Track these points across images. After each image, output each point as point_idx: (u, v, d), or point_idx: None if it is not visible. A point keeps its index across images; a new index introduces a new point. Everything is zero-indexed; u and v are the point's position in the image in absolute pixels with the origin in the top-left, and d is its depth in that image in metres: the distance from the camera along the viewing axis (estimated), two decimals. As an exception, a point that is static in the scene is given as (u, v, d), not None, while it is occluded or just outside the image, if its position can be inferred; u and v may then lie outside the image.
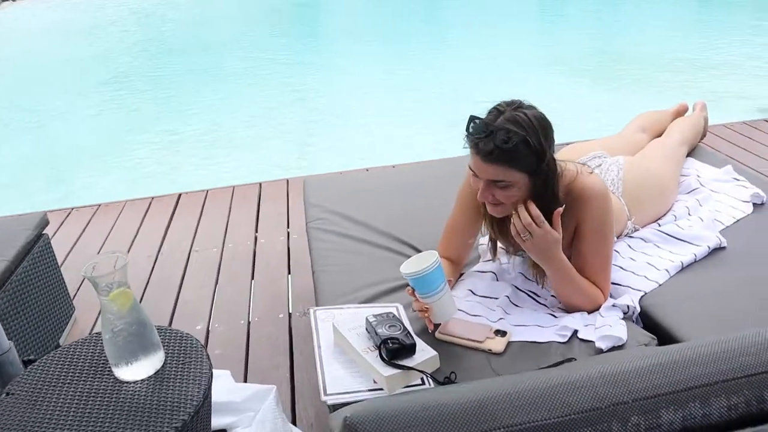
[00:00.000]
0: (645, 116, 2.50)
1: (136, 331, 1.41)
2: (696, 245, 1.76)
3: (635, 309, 1.56)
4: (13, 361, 1.58)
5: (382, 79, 7.12)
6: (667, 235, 1.84)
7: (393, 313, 1.47)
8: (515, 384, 0.75)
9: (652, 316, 1.55)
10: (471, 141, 1.44)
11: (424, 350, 1.37)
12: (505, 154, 1.39)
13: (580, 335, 1.46)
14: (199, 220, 3.18)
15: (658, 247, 1.82)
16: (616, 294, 1.63)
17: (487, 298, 1.64)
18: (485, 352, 1.43)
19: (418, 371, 1.34)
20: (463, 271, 1.80)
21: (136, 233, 3.10)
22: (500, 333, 1.47)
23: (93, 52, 9.13)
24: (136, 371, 1.42)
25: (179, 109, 6.38)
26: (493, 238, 1.73)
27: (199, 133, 5.64)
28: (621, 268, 1.73)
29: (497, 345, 1.44)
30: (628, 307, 1.56)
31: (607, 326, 1.46)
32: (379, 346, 1.33)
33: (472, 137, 1.43)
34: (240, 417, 1.68)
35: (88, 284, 2.64)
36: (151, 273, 2.72)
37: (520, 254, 1.76)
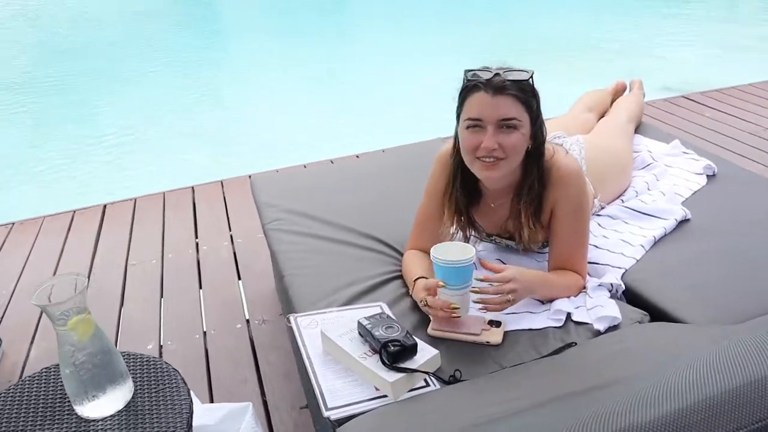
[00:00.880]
0: (589, 96, 2.54)
1: (101, 361, 1.25)
2: (664, 219, 1.79)
3: (620, 286, 1.56)
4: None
5: (292, 75, 7.00)
6: (633, 211, 1.86)
7: (386, 314, 1.38)
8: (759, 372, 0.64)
9: (636, 292, 1.56)
10: (479, 81, 1.40)
11: (424, 350, 1.30)
12: (517, 86, 1.39)
13: (574, 318, 1.43)
14: (131, 231, 2.95)
15: (627, 223, 1.83)
16: (598, 273, 1.62)
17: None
18: (483, 345, 1.38)
19: (423, 372, 1.26)
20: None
21: (61, 251, 2.83)
22: (495, 323, 1.42)
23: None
24: (103, 407, 1.27)
25: (89, 115, 5.96)
26: (460, 227, 1.67)
27: (113, 139, 5.30)
28: (596, 246, 1.73)
29: (495, 336, 1.39)
30: (612, 285, 1.55)
31: (599, 306, 1.44)
32: (379, 349, 1.25)
33: (478, 78, 1.40)
34: (219, 441, 1.54)
35: (15, 307, 2.41)
36: (85, 292, 2.49)
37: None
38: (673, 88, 5.12)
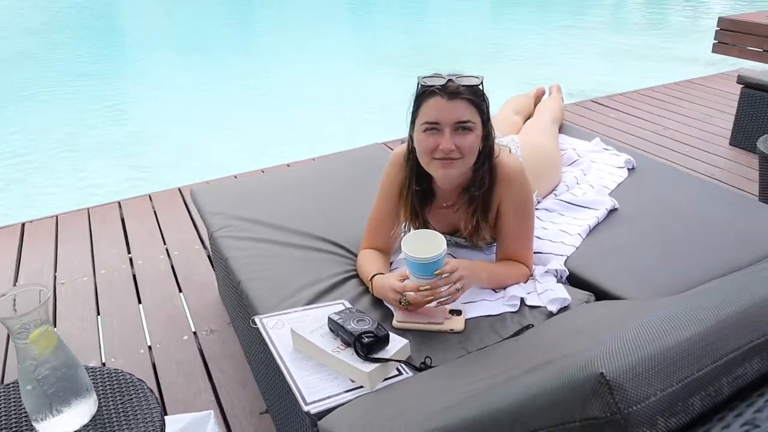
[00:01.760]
0: (515, 100, 2.69)
1: (65, 375, 1.22)
2: (595, 209, 1.93)
3: (564, 272, 1.67)
4: None
5: (205, 88, 6.90)
6: (567, 203, 2.00)
7: (355, 308, 1.42)
8: (718, 310, 0.71)
9: (580, 275, 1.68)
10: (433, 86, 1.48)
11: (394, 340, 1.35)
12: (470, 91, 1.47)
13: (528, 302, 1.53)
14: (56, 248, 2.80)
15: (562, 215, 1.96)
16: (543, 261, 1.73)
17: (427, 282, 1.65)
18: (447, 333, 1.44)
19: (396, 361, 1.31)
20: (392, 260, 1.79)
21: (-22, 273, 2.65)
22: (455, 312, 1.49)
23: None
24: (67, 422, 1.23)
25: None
26: (414, 226, 1.74)
27: (16, 157, 5.01)
28: (538, 237, 1.84)
29: (457, 324, 1.45)
30: (557, 271, 1.67)
31: (549, 290, 1.54)
32: (353, 342, 1.28)
33: (434, 83, 1.48)
34: (185, 451, 1.52)
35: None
36: (12, 315, 2.34)
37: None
38: (576, 94, 5.48)
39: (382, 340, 1.31)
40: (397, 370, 1.32)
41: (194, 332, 2.21)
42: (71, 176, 4.64)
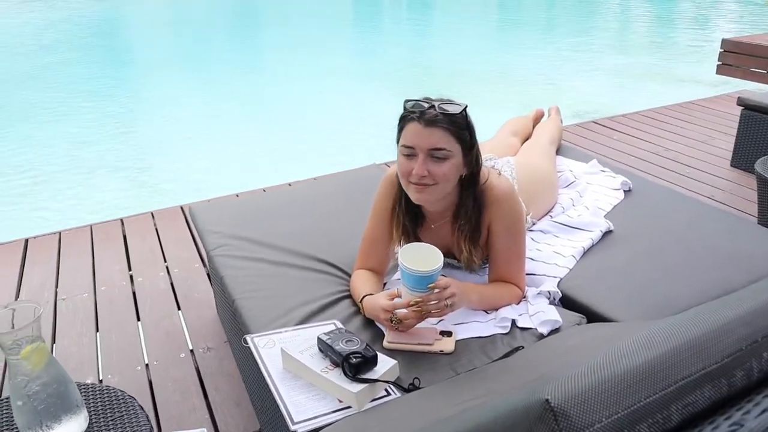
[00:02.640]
0: (513, 122, 2.71)
1: (56, 391, 1.23)
2: (590, 231, 1.94)
3: (557, 293, 1.68)
4: None
5: (210, 107, 6.99)
6: (562, 225, 2.01)
7: (344, 329, 1.43)
8: (672, 339, 0.72)
9: (572, 297, 1.68)
10: (413, 112, 1.49)
11: (383, 360, 1.35)
12: (448, 119, 1.47)
13: (519, 324, 1.53)
14: (58, 264, 2.83)
15: (557, 236, 1.97)
16: (536, 282, 1.74)
17: (420, 303, 1.66)
18: (437, 354, 1.45)
19: (384, 382, 1.31)
20: (385, 281, 1.80)
21: (-20, 288, 2.67)
22: (446, 333, 1.50)
23: None
24: (58, 439, 1.23)
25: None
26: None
27: (22, 173, 5.08)
28: (531, 259, 1.85)
29: (447, 345, 1.46)
30: (550, 293, 1.67)
31: (540, 312, 1.55)
32: (341, 362, 1.29)
33: (413, 108, 1.49)
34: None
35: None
36: (12, 330, 2.36)
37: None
38: (580, 115, 5.51)
39: (370, 361, 1.31)
40: (386, 390, 1.33)
41: (191, 350, 2.22)
42: (75, 193, 4.70)
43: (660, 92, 6.52)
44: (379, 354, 1.35)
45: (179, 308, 2.48)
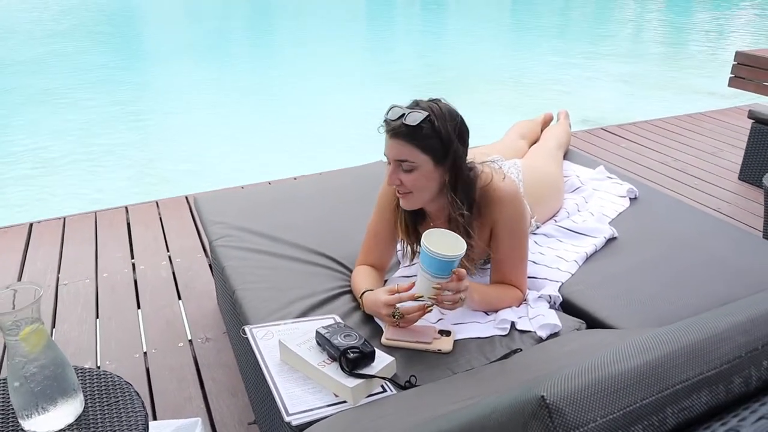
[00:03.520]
0: (521, 125, 2.69)
1: (53, 373, 1.23)
2: (594, 237, 1.93)
3: (558, 298, 1.67)
4: None
5: (220, 100, 7.01)
6: (566, 230, 2.00)
7: (343, 323, 1.42)
8: (670, 343, 0.71)
9: (573, 302, 1.67)
10: (385, 122, 1.48)
11: (380, 357, 1.35)
12: (410, 132, 1.44)
13: (518, 327, 1.52)
14: (60, 250, 2.84)
15: (561, 241, 1.96)
16: (537, 286, 1.73)
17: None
18: (434, 353, 1.44)
19: (380, 378, 1.31)
20: (386, 278, 1.80)
21: (-16, 270, 2.69)
22: (445, 333, 1.49)
23: None
24: (53, 421, 1.24)
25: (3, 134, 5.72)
26: (410, 243, 1.74)
27: (31, 157, 5.10)
28: (534, 262, 1.84)
29: (445, 344, 1.45)
30: (551, 297, 1.66)
31: (540, 316, 1.54)
32: (339, 357, 1.29)
33: (386, 118, 1.48)
34: (170, 457, 1.52)
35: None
36: (13, 313, 2.37)
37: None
38: (588, 121, 5.49)
39: (368, 357, 1.31)
40: (382, 387, 1.32)
41: (190, 340, 2.23)
42: (82, 179, 4.71)
43: (671, 102, 6.49)
44: (376, 350, 1.35)
45: (180, 298, 2.48)
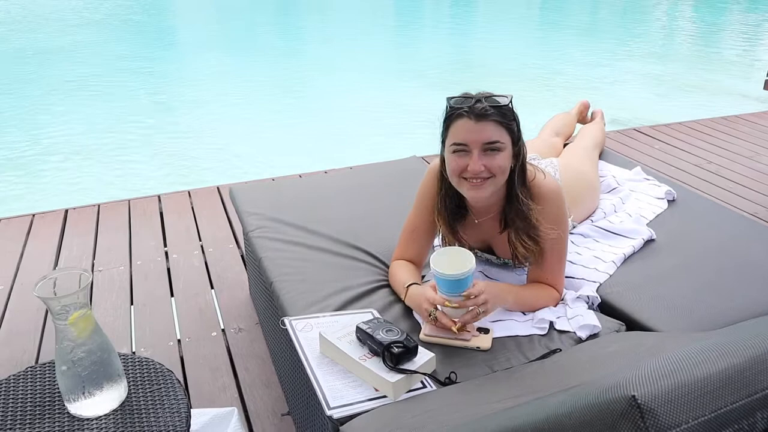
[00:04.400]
0: (556, 120, 2.67)
1: (99, 359, 1.25)
2: (632, 238, 1.91)
3: (596, 299, 1.65)
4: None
5: (250, 92, 7.04)
6: (603, 230, 1.98)
7: (383, 318, 1.43)
8: (753, 348, 0.70)
9: (612, 304, 1.65)
10: (461, 108, 1.47)
11: (421, 352, 1.35)
12: (499, 112, 1.46)
13: (557, 327, 1.51)
14: (95, 237, 2.89)
15: (598, 241, 1.95)
16: (575, 286, 1.72)
17: (457, 298, 1.65)
18: (473, 350, 1.44)
19: (421, 374, 1.31)
20: (424, 273, 1.79)
21: (21, 255, 2.74)
22: (483, 330, 1.49)
23: None
24: (98, 405, 1.26)
25: (31, 124, 5.82)
26: (449, 240, 1.74)
27: (66, 145, 5.18)
28: (571, 262, 1.82)
29: (484, 342, 1.45)
30: (589, 297, 1.65)
31: (579, 316, 1.53)
32: (382, 351, 1.29)
33: (461, 105, 1.48)
34: (206, 445, 1.54)
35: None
36: (50, 297, 2.42)
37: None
38: (621, 121, 5.43)
39: (411, 352, 1.31)
40: (422, 382, 1.32)
41: (223, 329, 2.25)
42: (116, 167, 4.78)
43: (705, 104, 6.38)
44: (418, 345, 1.35)
45: (212, 287, 2.51)
